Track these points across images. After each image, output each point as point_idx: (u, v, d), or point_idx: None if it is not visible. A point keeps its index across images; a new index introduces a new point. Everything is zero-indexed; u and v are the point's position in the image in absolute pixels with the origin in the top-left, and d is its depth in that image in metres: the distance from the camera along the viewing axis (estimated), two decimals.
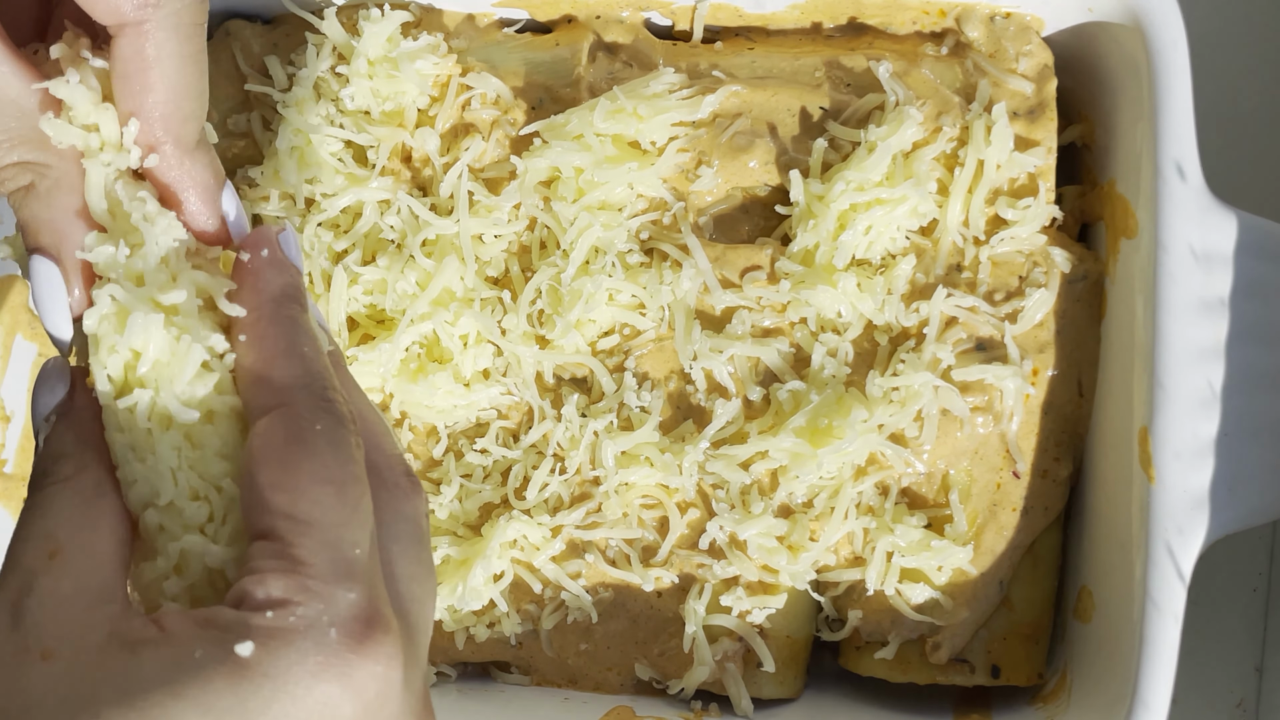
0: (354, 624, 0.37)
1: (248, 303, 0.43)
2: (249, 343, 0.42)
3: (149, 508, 0.40)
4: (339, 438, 0.40)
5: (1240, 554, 0.73)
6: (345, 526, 0.38)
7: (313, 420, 0.40)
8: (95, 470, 0.40)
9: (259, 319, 0.42)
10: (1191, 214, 0.59)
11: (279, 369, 0.41)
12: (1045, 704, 0.65)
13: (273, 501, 0.38)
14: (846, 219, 0.63)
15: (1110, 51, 0.64)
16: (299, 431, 0.40)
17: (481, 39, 0.67)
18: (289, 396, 0.40)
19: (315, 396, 0.41)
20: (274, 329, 0.42)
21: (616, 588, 0.65)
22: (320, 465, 0.39)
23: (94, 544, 0.39)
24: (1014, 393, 0.63)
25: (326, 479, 0.39)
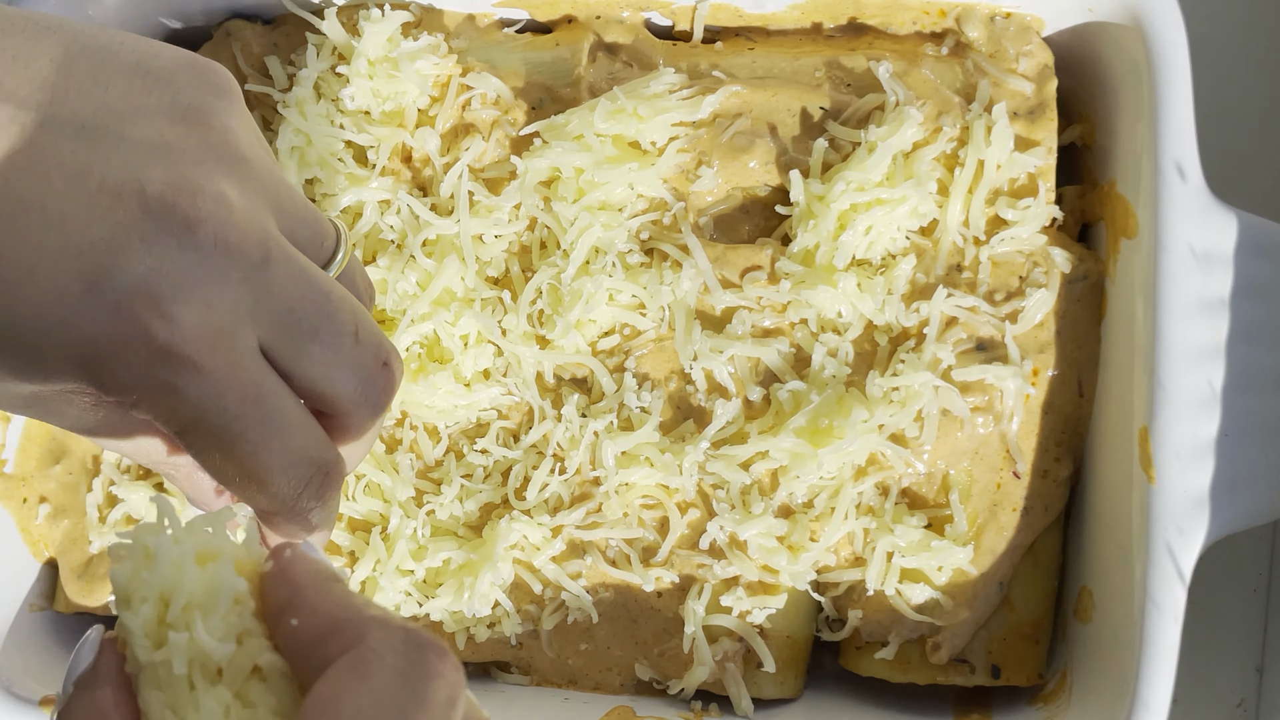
0: None
1: (284, 592, 0.38)
2: (301, 613, 0.37)
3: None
4: (418, 677, 0.34)
5: (1240, 554, 0.73)
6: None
7: (384, 654, 0.34)
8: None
9: (303, 591, 0.38)
10: (1191, 214, 0.59)
11: (345, 614, 0.36)
12: (1045, 704, 0.65)
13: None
14: (847, 219, 0.63)
15: (1110, 51, 0.64)
16: (365, 669, 0.34)
17: (482, 39, 0.67)
18: (361, 633, 0.35)
19: (395, 629, 0.35)
20: (327, 594, 0.38)
21: (617, 588, 0.65)
22: (375, 704, 0.34)
23: None
24: (1014, 393, 0.63)
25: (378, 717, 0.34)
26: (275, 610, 0.38)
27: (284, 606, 0.37)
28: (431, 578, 0.65)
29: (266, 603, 0.38)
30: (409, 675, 0.34)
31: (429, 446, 0.65)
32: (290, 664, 0.37)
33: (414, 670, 0.34)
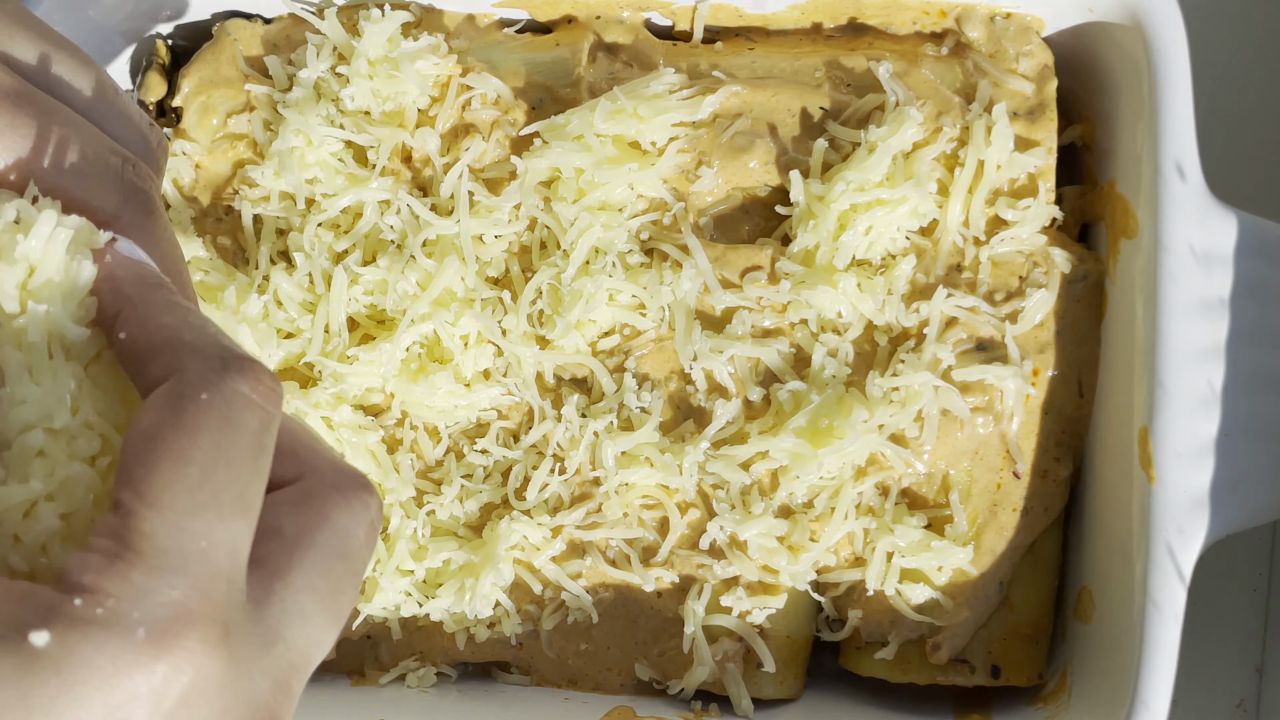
0: (168, 623, 0.33)
1: (113, 300, 0.39)
2: (129, 326, 0.38)
3: (34, 429, 0.37)
4: (228, 408, 0.35)
5: (1240, 554, 0.73)
6: (197, 514, 0.34)
7: (199, 389, 0.35)
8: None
9: (131, 302, 0.38)
10: (1191, 214, 0.59)
11: (162, 338, 0.37)
12: (1045, 704, 0.65)
13: (126, 476, 0.35)
14: (847, 219, 0.63)
15: (1110, 52, 0.64)
16: (179, 400, 0.35)
17: (482, 39, 0.67)
18: (179, 364, 0.36)
19: (210, 358, 0.36)
20: (151, 308, 0.38)
21: (617, 588, 0.65)
22: (188, 442, 0.35)
23: None
24: (1014, 393, 0.63)
25: (190, 459, 0.35)
26: (108, 318, 0.39)
27: (114, 316, 0.38)
28: (431, 578, 0.65)
29: (102, 309, 0.39)
30: (220, 408, 0.35)
31: (429, 446, 0.65)
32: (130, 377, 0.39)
33: (225, 402, 0.35)
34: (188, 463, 0.35)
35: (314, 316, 0.64)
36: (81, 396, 0.38)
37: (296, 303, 0.64)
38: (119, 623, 0.33)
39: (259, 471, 0.36)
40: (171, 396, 0.35)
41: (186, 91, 0.67)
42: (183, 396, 0.35)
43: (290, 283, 0.64)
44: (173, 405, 0.35)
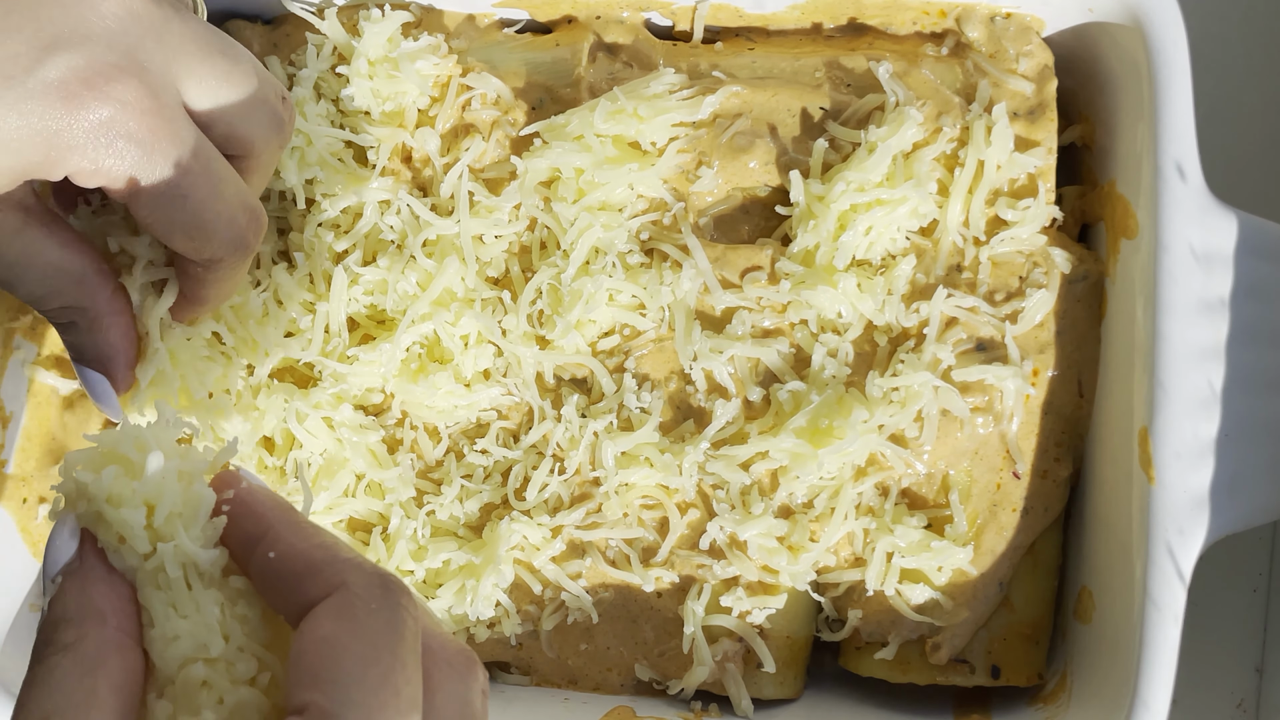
0: None
1: (253, 524, 0.41)
2: (279, 546, 0.40)
3: (194, 663, 0.39)
4: (395, 618, 0.38)
5: (1240, 554, 0.73)
6: (383, 711, 0.37)
7: (368, 600, 0.39)
8: (96, 636, 0.39)
9: (275, 524, 0.41)
10: (1191, 214, 0.59)
11: (321, 556, 0.40)
12: (1045, 704, 0.65)
13: (313, 679, 0.37)
14: (847, 219, 0.63)
15: (1110, 52, 0.64)
16: (351, 610, 0.38)
17: (482, 39, 0.67)
18: (341, 578, 0.39)
19: (369, 574, 0.39)
20: (298, 531, 0.41)
21: (616, 588, 0.65)
22: (368, 645, 0.38)
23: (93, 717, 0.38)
24: (1014, 393, 0.64)
25: (372, 660, 0.37)
26: (243, 540, 0.41)
27: (255, 538, 0.41)
28: (431, 578, 0.65)
29: (235, 533, 0.41)
30: (388, 617, 0.38)
31: (429, 446, 0.65)
32: (264, 593, 0.41)
33: (391, 613, 0.38)
34: (371, 664, 0.37)
35: (314, 316, 0.64)
36: (227, 621, 0.40)
37: (296, 302, 0.64)
38: None
39: (419, 673, 0.39)
40: (344, 607, 0.38)
41: None
42: (355, 607, 0.38)
43: (290, 282, 0.64)
44: (347, 615, 0.38)
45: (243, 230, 0.51)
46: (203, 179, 0.49)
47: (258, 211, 0.52)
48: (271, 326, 0.64)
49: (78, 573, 0.40)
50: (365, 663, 0.37)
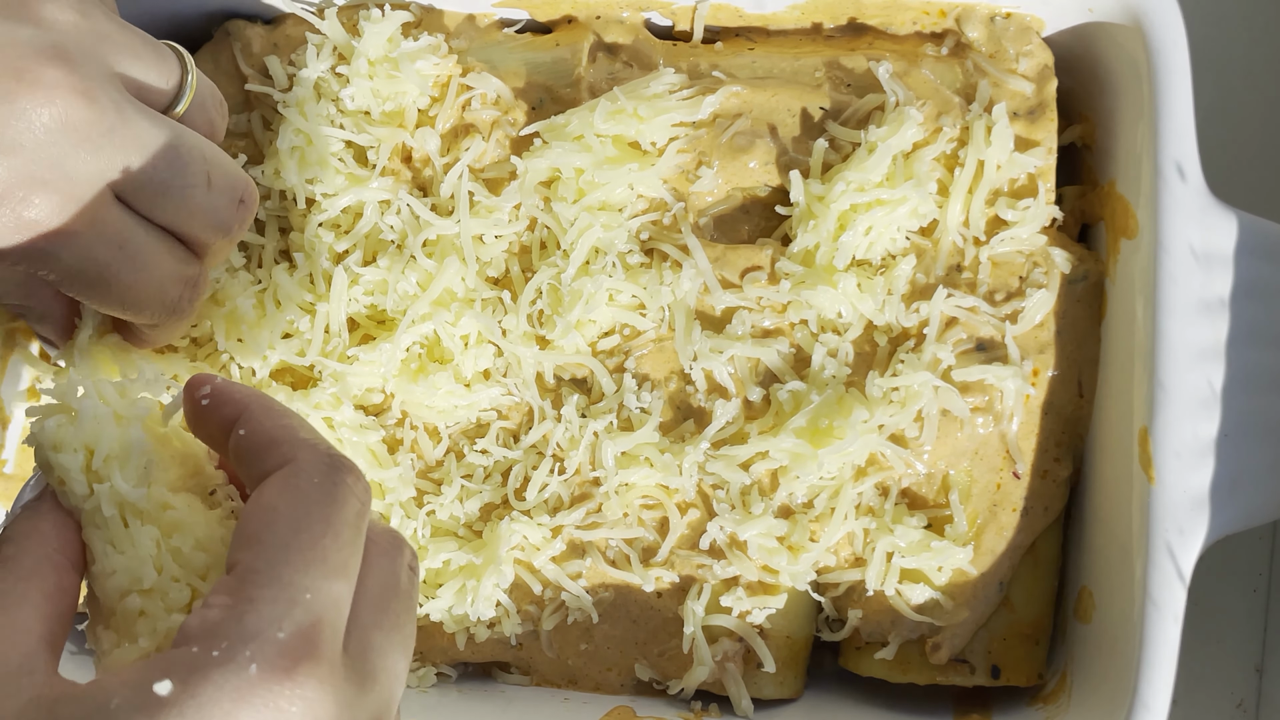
0: (279, 659, 0.37)
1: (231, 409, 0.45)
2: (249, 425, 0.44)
3: (130, 594, 0.42)
4: (334, 493, 0.41)
5: (1240, 554, 0.73)
6: (305, 570, 0.39)
7: (312, 474, 0.41)
8: (35, 551, 0.42)
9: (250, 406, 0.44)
10: (1191, 214, 0.59)
11: (281, 434, 0.43)
12: (1045, 704, 0.65)
13: (246, 541, 0.40)
14: (847, 219, 0.63)
15: (1110, 52, 0.64)
16: (295, 484, 0.41)
17: (482, 39, 0.67)
18: (293, 454, 0.42)
19: (320, 453, 0.42)
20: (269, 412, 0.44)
21: (616, 588, 0.65)
22: (302, 513, 0.40)
23: (19, 619, 0.40)
24: (1014, 393, 0.63)
25: (302, 526, 0.40)
26: (223, 424, 0.44)
27: (232, 420, 0.44)
28: (432, 578, 0.65)
29: (214, 419, 0.45)
30: (327, 490, 0.41)
31: (429, 446, 0.65)
32: (237, 468, 0.44)
33: (332, 487, 0.41)
34: (300, 530, 0.40)
35: (314, 316, 0.64)
36: (162, 555, 0.43)
37: (296, 303, 0.64)
38: (233, 660, 0.37)
39: (357, 548, 0.42)
40: (288, 478, 0.41)
41: None
42: (298, 479, 0.41)
43: (290, 283, 0.64)
44: (290, 486, 0.41)
45: (174, 300, 0.53)
46: (126, 267, 0.50)
47: (194, 280, 0.54)
48: (271, 327, 0.64)
49: (31, 506, 0.44)
50: (296, 528, 0.40)
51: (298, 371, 0.65)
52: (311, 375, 0.65)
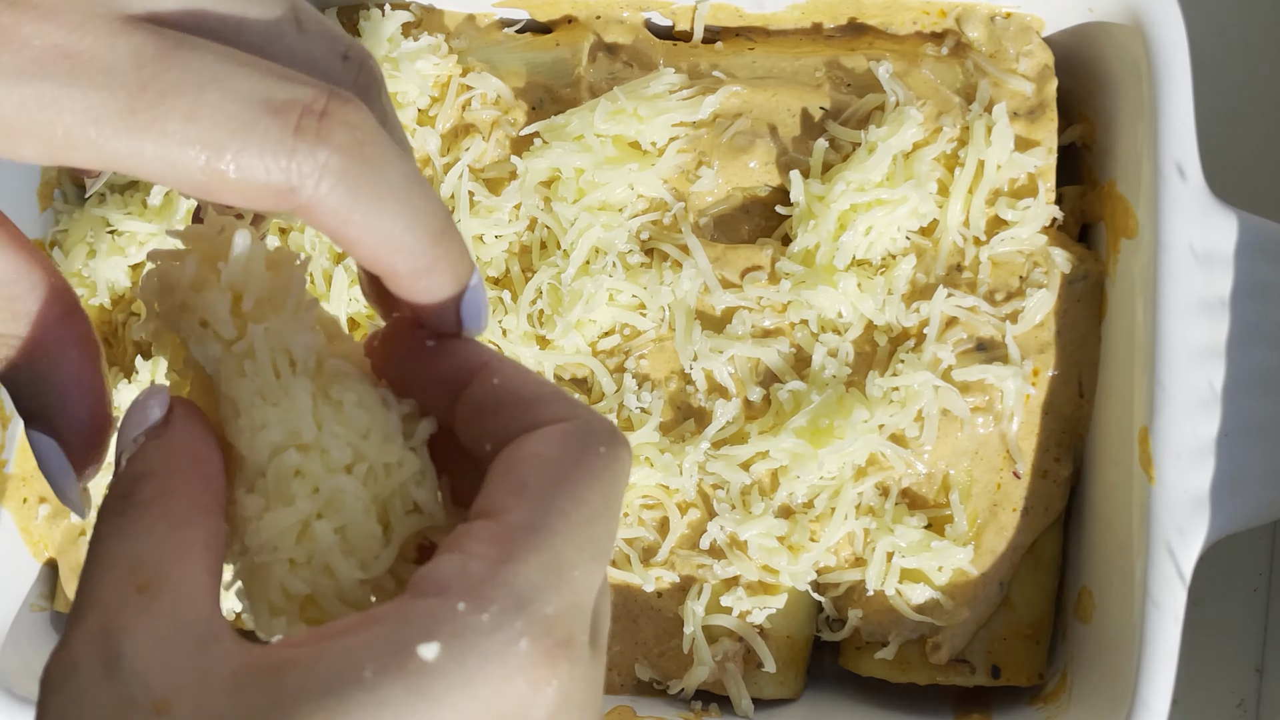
0: (545, 637, 0.32)
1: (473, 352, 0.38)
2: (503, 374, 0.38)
3: (285, 450, 0.36)
4: (618, 469, 0.36)
5: (1240, 554, 0.73)
6: (577, 548, 0.34)
7: (600, 441, 0.36)
8: (184, 495, 0.35)
9: (495, 357, 0.38)
10: (1192, 214, 0.59)
11: (548, 390, 0.37)
12: (1045, 704, 0.65)
13: (520, 488, 0.34)
14: (847, 219, 0.63)
15: (1110, 52, 0.64)
16: (580, 443, 0.36)
17: (482, 39, 0.67)
18: (573, 413, 0.37)
19: (604, 420, 0.37)
20: (517, 366, 0.38)
21: (617, 588, 0.65)
22: (587, 485, 0.35)
23: (188, 575, 0.33)
24: (1014, 393, 0.64)
25: (585, 500, 0.35)
26: (458, 367, 0.38)
27: (476, 364, 0.38)
28: None
29: (446, 360, 0.38)
30: (611, 465, 0.36)
31: None
32: (467, 420, 0.38)
33: (616, 463, 0.36)
34: (583, 503, 0.35)
35: None
36: (319, 409, 0.37)
37: None
38: (504, 630, 0.32)
39: (615, 531, 0.37)
40: (572, 435, 0.36)
41: None
42: (586, 443, 0.36)
43: None
44: (574, 445, 0.36)
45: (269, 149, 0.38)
46: None
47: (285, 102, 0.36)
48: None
49: (163, 432, 0.36)
50: (577, 498, 0.35)
51: None
52: None
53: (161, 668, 0.31)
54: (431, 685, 0.31)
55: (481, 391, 0.37)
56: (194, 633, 0.32)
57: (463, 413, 0.38)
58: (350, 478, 0.36)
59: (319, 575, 0.36)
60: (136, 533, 0.34)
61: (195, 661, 0.32)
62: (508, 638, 0.32)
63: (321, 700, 0.30)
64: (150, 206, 0.66)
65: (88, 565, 0.34)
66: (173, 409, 0.37)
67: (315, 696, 0.30)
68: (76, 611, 0.33)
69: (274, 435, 0.36)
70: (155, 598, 0.32)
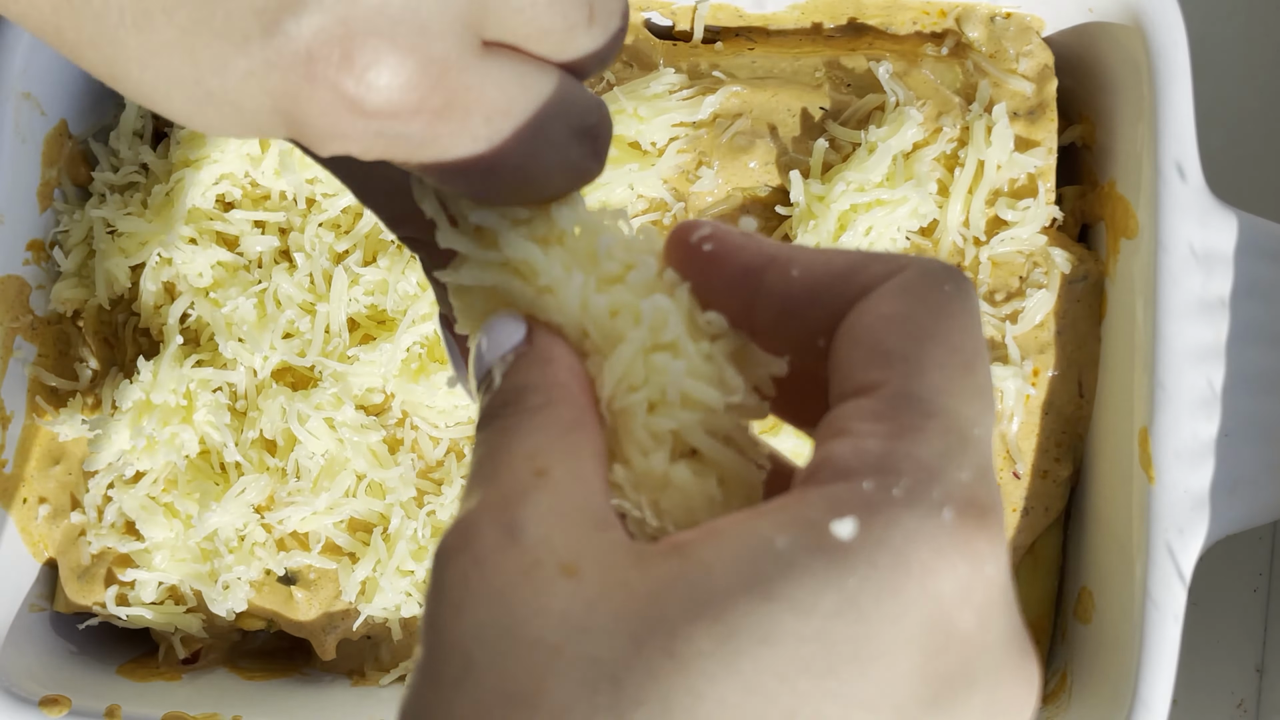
0: (968, 506, 0.29)
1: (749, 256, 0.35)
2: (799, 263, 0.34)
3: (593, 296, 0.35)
4: (969, 305, 0.32)
5: (1240, 554, 0.73)
6: (966, 401, 0.30)
7: (940, 280, 0.32)
8: (569, 405, 0.34)
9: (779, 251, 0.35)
10: (1192, 214, 0.59)
11: (852, 257, 0.33)
12: (1045, 704, 0.65)
13: (883, 357, 0.31)
14: (847, 220, 0.63)
15: (1110, 52, 0.64)
16: (922, 289, 0.32)
17: None
18: (896, 265, 0.33)
19: (930, 259, 0.33)
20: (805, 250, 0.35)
21: None
22: (948, 327, 0.31)
23: (581, 469, 0.32)
24: (1014, 393, 0.64)
25: (957, 345, 0.31)
26: (740, 274, 0.34)
27: (760, 266, 0.34)
28: None
29: (727, 265, 0.35)
30: (963, 302, 0.32)
31: (429, 446, 0.65)
32: (775, 321, 0.34)
33: (966, 298, 0.32)
34: (956, 349, 0.31)
35: (314, 317, 0.64)
36: None
37: (297, 303, 0.64)
38: (922, 502, 0.28)
39: (988, 355, 0.33)
40: (910, 285, 0.32)
41: None
42: (926, 285, 0.32)
43: (291, 283, 0.64)
44: (915, 294, 0.32)
45: (577, 162, 0.39)
46: (515, 140, 0.37)
47: (593, 129, 0.38)
48: (271, 327, 0.64)
49: (531, 352, 0.35)
50: (950, 346, 0.31)
51: (298, 371, 0.65)
52: (312, 375, 0.65)
53: (564, 536, 0.30)
54: (855, 564, 0.27)
55: (783, 287, 0.34)
56: (593, 514, 0.31)
57: (766, 319, 0.34)
58: (665, 296, 0.34)
59: (678, 410, 0.34)
60: (530, 430, 0.33)
61: (596, 537, 0.30)
62: (928, 509, 0.28)
63: (735, 569, 0.28)
64: (150, 206, 0.66)
65: (478, 463, 0.33)
66: (532, 328, 0.36)
67: (728, 567, 0.28)
68: (470, 491, 0.32)
69: (577, 284, 0.35)
70: (554, 480, 0.31)
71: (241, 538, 0.65)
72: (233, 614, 0.66)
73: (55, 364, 0.68)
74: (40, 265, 0.67)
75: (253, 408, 0.64)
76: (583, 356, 0.35)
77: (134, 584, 0.66)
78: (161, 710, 0.63)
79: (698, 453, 0.34)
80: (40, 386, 0.67)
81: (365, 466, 0.64)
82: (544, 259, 0.36)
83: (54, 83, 0.67)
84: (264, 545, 0.65)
